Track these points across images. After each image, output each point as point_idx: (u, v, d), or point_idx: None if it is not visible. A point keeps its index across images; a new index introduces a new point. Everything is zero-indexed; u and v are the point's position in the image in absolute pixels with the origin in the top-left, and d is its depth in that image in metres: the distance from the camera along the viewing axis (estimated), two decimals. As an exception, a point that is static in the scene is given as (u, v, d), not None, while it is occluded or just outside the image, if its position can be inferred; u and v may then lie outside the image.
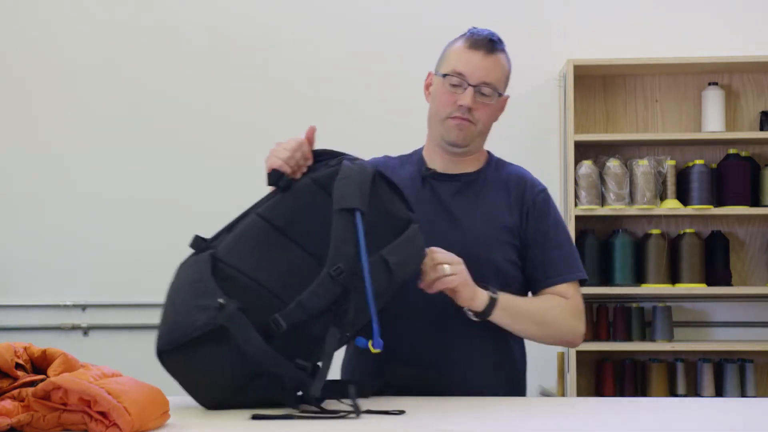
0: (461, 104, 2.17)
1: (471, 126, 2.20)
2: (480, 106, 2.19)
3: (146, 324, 4.36)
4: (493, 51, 2.19)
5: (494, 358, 2.24)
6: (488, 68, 2.18)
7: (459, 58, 2.19)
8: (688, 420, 1.82)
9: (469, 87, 2.17)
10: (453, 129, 2.20)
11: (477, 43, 2.19)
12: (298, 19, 4.39)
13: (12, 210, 4.40)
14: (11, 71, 4.45)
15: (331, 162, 1.98)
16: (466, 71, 2.17)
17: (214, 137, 4.39)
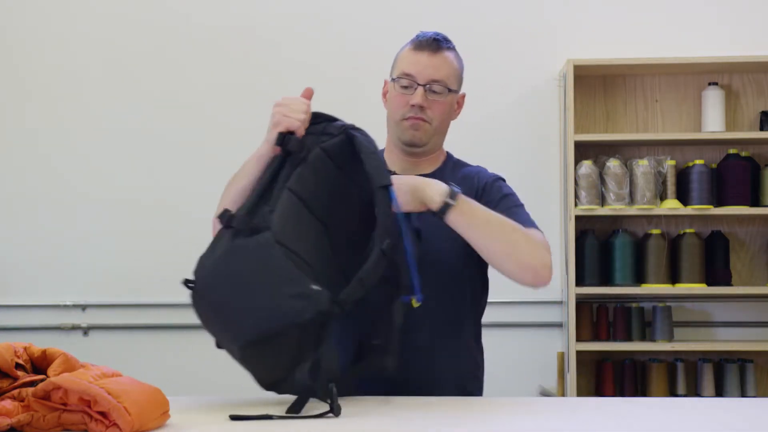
0: (413, 104, 2.22)
1: (425, 124, 2.24)
2: (432, 104, 2.23)
3: (146, 324, 4.37)
4: (438, 50, 2.24)
5: (455, 362, 2.24)
6: (435, 66, 2.23)
7: (407, 61, 2.25)
8: (688, 420, 1.82)
9: (418, 87, 2.22)
10: (408, 129, 2.25)
11: (422, 44, 2.24)
12: (298, 19, 4.39)
13: (12, 210, 4.40)
14: (11, 72, 4.45)
15: (329, 128, 2.02)
16: (414, 71, 2.23)
17: (214, 138, 4.39)
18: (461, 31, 4.39)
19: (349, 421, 1.76)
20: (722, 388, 4.10)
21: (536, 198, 4.31)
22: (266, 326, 1.78)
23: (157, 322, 4.36)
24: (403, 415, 1.83)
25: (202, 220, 4.43)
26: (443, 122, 2.28)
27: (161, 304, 4.36)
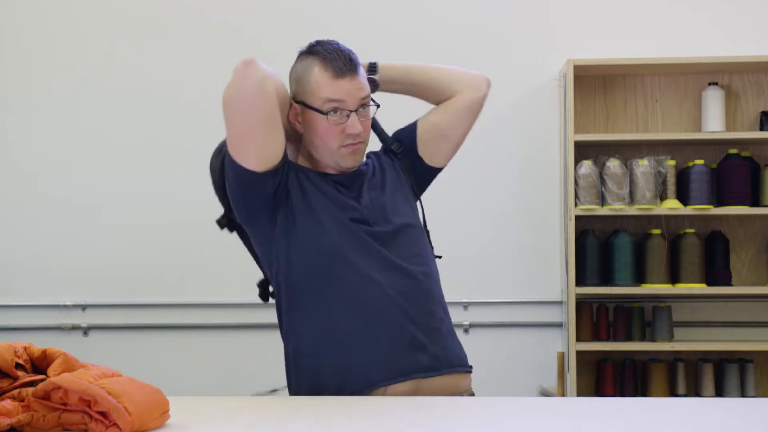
0: (351, 132, 2.16)
1: (362, 145, 2.21)
2: (365, 122, 2.20)
3: (146, 324, 4.37)
4: (356, 69, 2.17)
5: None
6: (360, 88, 2.16)
7: (330, 88, 2.15)
8: (688, 420, 1.82)
9: (351, 113, 2.15)
10: (348, 156, 2.20)
11: (342, 69, 2.15)
12: (299, 18, 4.40)
13: (12, 210, 4.41)
14: (11, 72, 4.45)
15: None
16: (344, 98, 2.15)
17: (214, 138, 4.39)
18: (461, 32, 4.41)
19: (350, 421, 1.76)
20: (722, 388, 4.10)
21: (536, 198, 4.33)
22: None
23: (157, 322, 4.36)
24: (404, 414, 1.83)
25: (203, 220, 4.44)
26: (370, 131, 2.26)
27: (161, 304, 4.36)
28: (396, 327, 2.12)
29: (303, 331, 2.19)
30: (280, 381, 4.45)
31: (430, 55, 4.33)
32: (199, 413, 1.82)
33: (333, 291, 2.14)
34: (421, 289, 2.17)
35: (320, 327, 2.16)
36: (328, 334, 2.15)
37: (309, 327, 2.19)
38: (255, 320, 4.33)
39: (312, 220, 2.16)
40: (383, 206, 2.22)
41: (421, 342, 2.13)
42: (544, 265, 4.28)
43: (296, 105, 2.22)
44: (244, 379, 4.33)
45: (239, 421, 1.77)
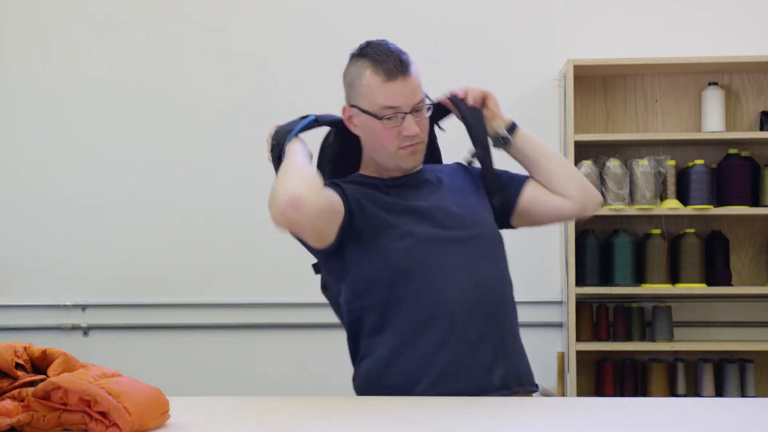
0: (408, 135, 2.14)
1: (420, 145, 2.19)
2: (420, 124, 2.17)
3: (146, 324, 4.37)
4: (408, 71, 2.14)
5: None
6: (413, 90, 2.14)
7: (383, 94, 2.13)
8: (688, 420, 1.82)
9: (406, 115, 2.13)
10: (407, 157, 2.18)
11: (392, 71, 2.12)
12: (300, 18, 4.40)
13: (12, 210, 4.41)
14: (11, 73, 4.45)
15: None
16: (398, 102, 2.13)
17: (214, 138, 4.39)
18: (461, 32, 4.41)
19: (349, 421, 1.76)
20: (722, 388, 4.10)
21: (536, 198, 4.32)
22: None
23: (157, 322, 4.36)
24: (404, 414, 1.83)
25: (203, 220, 4.46)
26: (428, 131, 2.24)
27: (161, 304, 4.36)
28: (472, 346, 2.10)
29: (379, 351, 2.16)
30: (280, 380, 4.46)
31: (430, 55, 4.33)
32: (199, 413, 1.82)
33: (408, 309, 2.12)
34: (497, 302, 2.16)
35: (395, 346, 2.13)
36: (402, 354, 2.12)
37: (384, 347, 2.15)
38: (255, 320, 4.33)
39: (381, 243, 2.13)
40: (456, 210, 2.21)
41: (495, 360, 2.12)
42: (544, 265, 4.28)
43: (351, 108, 2.20)
44: (244, 379, 4.33)
45: (239, 421, 1.77)
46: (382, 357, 2.13)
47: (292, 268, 4.28)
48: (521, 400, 2.05)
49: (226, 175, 4.37)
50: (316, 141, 2.32)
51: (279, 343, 4.34)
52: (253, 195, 4.34)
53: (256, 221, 4.31)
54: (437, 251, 2.13)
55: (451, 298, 2.10)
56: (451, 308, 2.10)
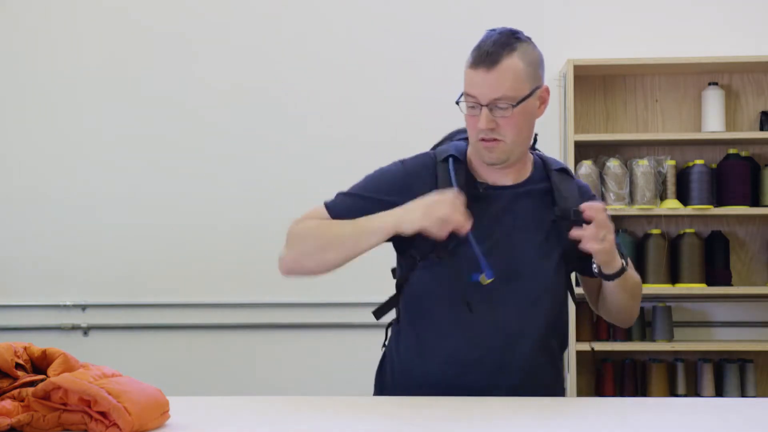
0: (480, 128, 2.09)
1: (499, 144, 2.09)
2: (500, 121, 2.08)
3: (146, 324, 4.37)
4: (494, 63, 2.06)
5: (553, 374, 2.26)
6: (493, 85, 2.06)
7: (468, 79, 2.10)
8: (688, 420, 1.82)
9: (482, 108, 2.07)
10: (484, 151, 2.12)
11: (478, 60, 2.08)
12: (300, 17, 4.40)
13: (12, 210, 4.41)
14: (11, 73, 4.45)
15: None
16: (475, 93, 2.09)
17: (214, 138, 4.40)
18: (461, 32, 4.40)
19: (349, 421, 1.76)
20: (722, 388, 4.10)
21: (536, 198, 4.32)
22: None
23: (157, 322, 4.36)
24: (404, 414, 1.83)
25: (202, 220, 4.46)
26: (520, 133, 2.11)
27: (161, 304, 4.36)
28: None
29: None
30: (280, 380, 4.46)
31: (430, 55, 4.33)
32: (199, 413, 1.82)
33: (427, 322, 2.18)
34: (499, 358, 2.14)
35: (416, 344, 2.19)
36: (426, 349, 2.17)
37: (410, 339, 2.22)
38: (255, 320, 4.33)
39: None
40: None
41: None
42: (544, 265, 4.28)
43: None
44: (244, 379, 4.33)
45: (239, 421, 1.77)
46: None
47: (292, 268, 4.29)
48: (521, 400, 2.05)
49: (226, 175, 4.37)
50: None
51: (279, 343, 4.34)
52: (254, 195, 4.35)
53: (256, 221, 4.32)
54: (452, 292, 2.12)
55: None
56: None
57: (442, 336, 2.13)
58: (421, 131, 4.48)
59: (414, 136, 4.29)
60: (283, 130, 4.37)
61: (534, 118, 2.15)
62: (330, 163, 4.33)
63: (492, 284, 2.06)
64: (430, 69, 4.30)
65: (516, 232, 2.15)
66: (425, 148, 2.33)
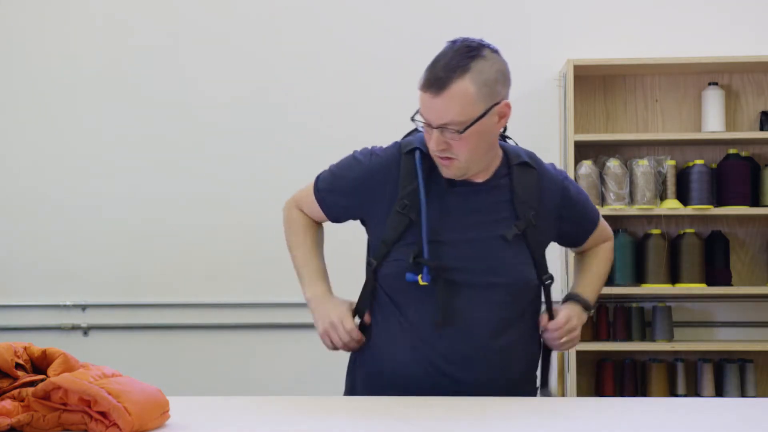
0: (431, 148, 2.10)
1: (454, 161, 2.09)
2: (452, 143, 2.06)
3: (146, 324, 4.37)
4: (441, 89, 2.02)
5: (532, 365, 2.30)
6: (440, 111, 2.03)
7: (420, 99, 2.08)
8: (688, 420, 1.82)
9: (433, 130, 2.06)
10: (441, 166, 2.13)
11: (427, 83, 2.05)
12: (301, 17, 4.40)
13: (12, 210, 4.40)
14: (11, 73, 4.45)
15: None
16: (425, 114, 2.07)
17: (214, 138, 4.39)
18: (461, 32, 4.39)
19: (349, 421, 1.76)
20: (722, 388, 4.10)
21: (536, 198, 4.32)
22: None
23: (157, 322, 4.36)
24: (404, 414, 1.83)
25: (202, 220, 4.45)
26: (474, 152, 2.09)
27: (161, 304, 4.36)
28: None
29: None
30: (279, 380, 4.46)
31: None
32: (199, 413, 1.82)
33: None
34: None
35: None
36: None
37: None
38: (255, 320, 4.33)
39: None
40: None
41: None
42: (544, 265, 4.27)
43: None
44: (244, 379, 4.33)
45: (239, 421, 1.77)
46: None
47: (292, 268, 4.28)
48: (521, 400, 2.05)
49: (226, 175, 4.37)
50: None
51: (279, 343, 4.34)
52: (254, 195, 4.35)
53: (256, 222, 4.32)
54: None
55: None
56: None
57: (415, 333, 2.14)
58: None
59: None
60: (283, 130, 4.37)
61: (491, 135, 2.13)
62: (330, 163, 4.32)
63: (462, 280, 2.11)
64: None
65: (482, 227, 2.16)
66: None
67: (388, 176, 2.18)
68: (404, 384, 2.13)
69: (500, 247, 2.16)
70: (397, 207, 2.14)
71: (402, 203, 2.14)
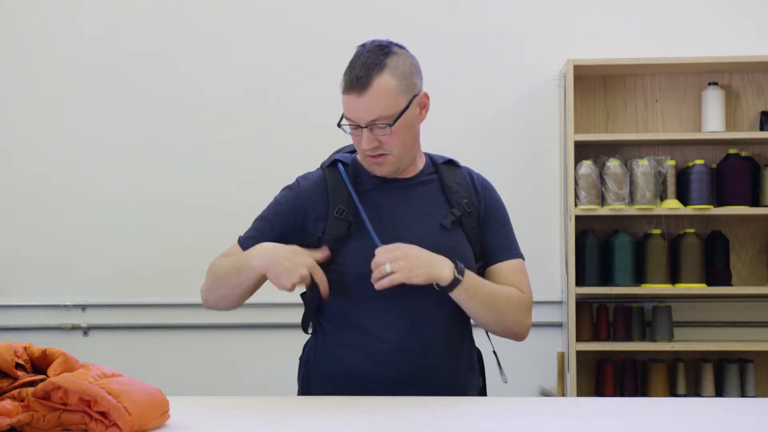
0: (363, 148, 2.14)
1: (387, 157, 2.16)
2: (383, 138, 2.13)
3: (146, 324, 4.37)
4: (365, 87, 2.10)
5: (468, 355, 2.30)
6: (367, 108, 2.10)
7: (344, 103, 2.14)
8: (688, 420, 1.82)
9: (363, 130, 2.12)
10: (374, 166, 2.18)
11: (349, 85, 2.12)
12: (301, 17, 4.40)
13: (12, 210, 4.41)
14: (11, 73, 4.45)
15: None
16: (352, 116, 2.13)
17: (214, 138, 4.40)
18: (461, 32, 4.41)
19: (349, 421, 1.76)
20: (722, 388, 4.10)
21: (536, 198, 4.33)
22: None
23: (157, 322, 4.36)
24: (403, 414, 1.83)
25: (202, 220, 4.46)
26: (404, 144, 2.16)
27: (161, 304, 4.36)
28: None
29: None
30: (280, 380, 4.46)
31: (430, 55, 4.33)
32: (199, 413, 1.82)
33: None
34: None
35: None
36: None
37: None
38: (255, 320, 4.33)
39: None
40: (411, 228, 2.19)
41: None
42: (544, 265, 4.28)
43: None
44: (244, 379, 4.33)
45: (239, 421, 1.77)
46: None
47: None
48: (521, 400, 2.05)
49: (226, 175, 4.37)
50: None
51: (279, 343, 4.34)
52: (254, 195, 4.34)
53: (256, 221, 4.32)
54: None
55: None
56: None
57: (359, 329, 2.16)
58: (423, 131, 4.49)
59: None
60: (283, 130, 4.37)
61: (416, 125, 2.20)
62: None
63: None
64: (431, 69, 4.30)
65: (417, 218, 2.21)
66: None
67: (317, 191, 2.23)
68: (359, 384, 2.15)
69: (441, 235, 2.19)
70: (334, 213, 2.18)
71: (338, 209, 2.18)
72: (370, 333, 2.15)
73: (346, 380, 2.16)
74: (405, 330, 2.15)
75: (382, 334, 2.14)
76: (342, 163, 2.25)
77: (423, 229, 2.19)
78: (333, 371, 2.20)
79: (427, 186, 2.25)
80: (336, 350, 2.20)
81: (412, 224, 2.19)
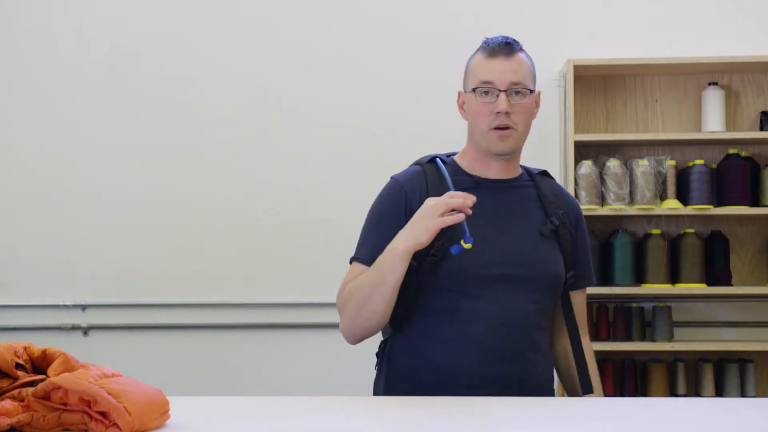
0: (498, 111, 2.20)
1: (512, 132, 2.23)
2: (516, 108, 2.22)
3: (146, 324, 4.37)
4: (512, 53, 2.24)
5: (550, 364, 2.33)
6: (513, 69, 2.23)
7: (483, 69, 2.23)
8: (688, 420, 1.82)
9: (500, 93, 2.21)
10: (496, 140, 2.23)
11: (495, 50, 2.24)
12: (301, 18, 4.40)
13: (12, 210, 4.41)
14: (11, 72, 4.45)
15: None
16: (493, 78, 2.22)
17: (215, 138, 4.40)
18: (461, 32, 4.41)
19: (350, 421, 1.76)
20: (722, 388, 4.10)
21: (536, 198, 4.32)
22: None
23: (157, 322, 4.36)
24: (404, 414, 1.83)
25: (203, 220, 4.45)
26: (527, 125, 2.26)
27: (161, 304, 4.36)
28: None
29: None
30: (280, 380, 4.46)
31: (431, 55, 4.33)
32: (199, 413, 1.82)
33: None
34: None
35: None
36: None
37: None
38: (255, 320, 4.33)
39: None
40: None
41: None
42: (544, 265, 4.27)
43: (461, 94, 2.32)
44: (244, 379, 4.33)
45: (239, 421, 1.77)
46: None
47: (293, 268, 4.29)
48: (521, 400, 2.05)
49: (226, 175, 4.37)
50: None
51: (279, 343, 4.34)
52: (254, 195, 4.35)
53: (257, 222, 4.32)
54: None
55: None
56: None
57: (449, 324, 2.17)
58: (424, 131, 4.49)
59: (417, 137, 4.30)
60: (283, 131, 4.37)
61: (533, 117, 2.30)
62: (330, 165, 4.33)
63: (494, 273, 2.16)
64: (431, 69, 4.30)
65: (513, 222, 2.25)
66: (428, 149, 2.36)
67: (417, 186, 2.24)
68: (445, 378, 2.16)
69: (537, 241, 2.24)
70: None
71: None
72: (460, 328, 2.16)
73: (435, 376, 2.16)
74: (496, 326, 2.16)
75: (473, 329, 2.15)
76: (440, 159, 2.28)
77: (519, 232, 2.23)
78: (418, 365, 2.20)
79: (524, 191, 2.31)
80: (422, 345, 2.20)
81: (508, 226, 2.23)
